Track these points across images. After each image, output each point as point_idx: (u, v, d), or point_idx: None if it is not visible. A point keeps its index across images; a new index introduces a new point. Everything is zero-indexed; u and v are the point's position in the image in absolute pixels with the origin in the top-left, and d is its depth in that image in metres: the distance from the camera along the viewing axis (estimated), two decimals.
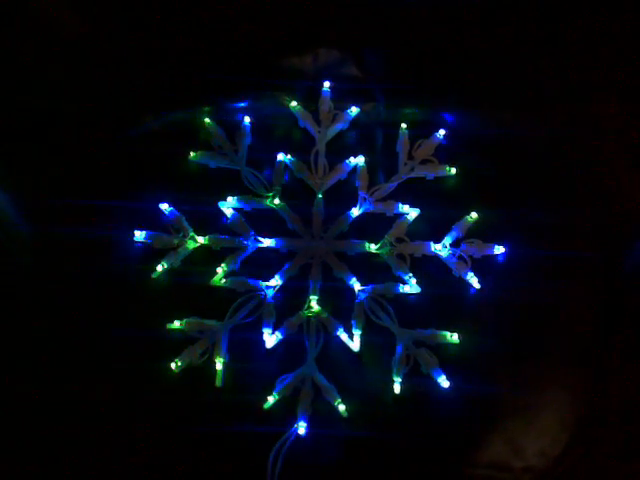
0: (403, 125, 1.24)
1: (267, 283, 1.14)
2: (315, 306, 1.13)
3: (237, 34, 1.30)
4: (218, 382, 1.08)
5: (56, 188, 1.20)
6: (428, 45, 1.31)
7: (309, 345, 1.11)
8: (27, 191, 1.20)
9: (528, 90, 1.27)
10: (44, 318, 1.12)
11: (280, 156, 1.21)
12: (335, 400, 1.07)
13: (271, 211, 1.20)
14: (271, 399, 1.06)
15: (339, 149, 1.24)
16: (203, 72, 1.28)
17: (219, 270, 1.13)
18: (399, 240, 1.17)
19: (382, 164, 1.23)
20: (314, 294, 1.13)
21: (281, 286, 1.15)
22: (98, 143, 1.23)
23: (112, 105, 1.26)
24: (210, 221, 1.18)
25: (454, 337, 1.10)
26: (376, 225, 1.19)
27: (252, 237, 1.17)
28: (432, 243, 1.16)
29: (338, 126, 1.25)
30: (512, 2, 1.30)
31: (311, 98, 1.27)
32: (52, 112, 1.24)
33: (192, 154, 1.21)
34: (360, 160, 1.21)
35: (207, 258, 1.16)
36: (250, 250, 1.17)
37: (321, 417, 1.07)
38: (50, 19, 1.28)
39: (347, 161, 1.21)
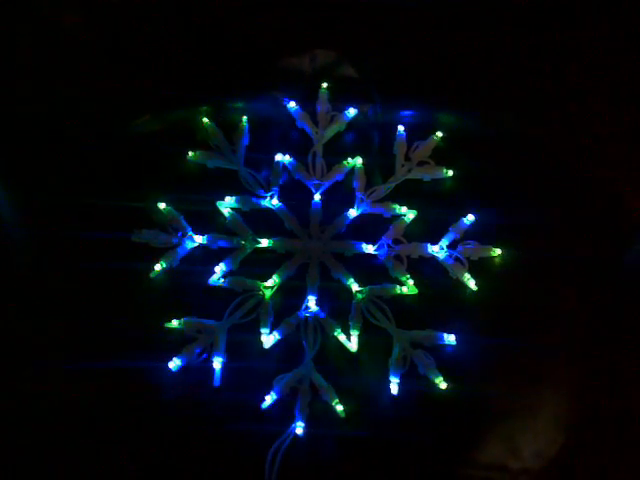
0: (400, 127, 1.24)
1: (265, 283, 1.14)
2: (313, 306, 1.13)
3: (236, 35, 1.30)
4: (216, 381, 1.09)
5: (54, 188, 1.19)
6: (425, 47, 1.32)
7: (307, 345, 1.11)
8: (25, 191, 1.20)
9: (525, 92, 1.29)
10: (42, 317, 1.12)
11: (278, 157, 1.22)
12: (333, 400, 1.07)
13: (269, 211, 1.20)
14: (269, 399, 1.07)
15: (337, 150, 1.25)
16: (202, 72, 1.28)
17: (217, 270, 1.14)
18: (396, 241, 1.18)
19: (379, 165, 1.24)
20: (312, 294, 1.14)
21: (279, 286, 1.15)
22: (96, 142, 1.23)
23: (110, 104, 1.26)
24: (208, 221, 1.19)
25: (451, 338, 1.11)
26: (373, 226, 1.20)
27: (250, 237, 1.17)
28: (429, 245, 1.17)
29: (336, 127, 1.26)
30: (508, 5, 1.32)
31: (309, 99, 1.27)
32: (50, 112, 1.24)
33: (190, 154, 1.22)
34: (358, 161, 1.22)
35: (205, 258, 1.16)
36: (248, 250, 1.17)
37: (319, 417, 1.07)
38: (50, 19, 1.28)
39: (345, 162, 1.22)
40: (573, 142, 1.26)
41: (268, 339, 1.11)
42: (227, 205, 1.19)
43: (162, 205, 1.17)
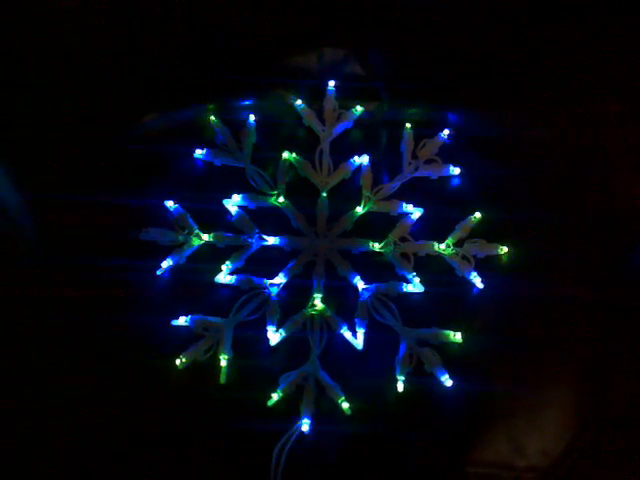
0: (407, 124, 1.24)
1: (271, 281, 1.15)
2: (319, 304, 1.13)
3: (243, 32, 1.30)
4: (222, 379, 1.09)
5: (62, 185, 1.20)
6: (433, 45, 1.31)
7: (313, 343, 1.11)
8: (34, 188, 1.20)
9: (531, 91, 1.28)
10: (48, 314, 1.12)
11: (285, 154, 1.22)
12: (338, 398, 1.07)
13: (275, 209, 1.20)
14: (275, 396, 1.07)
15: (343, 148, 1.25)
16: (209, 70, 1.28)
17: (224, 267, 1.14)
18: (403, 239, 1.18)
19: (386, 163, 1.24)
20: (318, 292, 1.14)
21: (285, 284, 1.15)
22: (105, 140, 1.23)
23: (118, 102, 1.26)
24: (215, 218, 1.19)
25: (457, 336, 1.11)
26: (380, 224, 1.19)
27: (256, 235, 1.17)
28: (436, 242, 1.17)
29: (343, 125, 1.25)
30: (515, 3, 1.31)
31: (316, 97, 1.27)
32: (59, 109, 1.25)
33: (197, 152, 1.22)
34: (364, 159, 1.22)
35: (212, 255, 1.16)
36: (254, 248, 1.17)
37: (324, 415, 1.07)
38: (54, 17, 1.29)
39: (351, 160, 1.22)
40: (580, 141, 1.25)
41: (274, 337, 1.11)
42: (234, 203, 1.19)
43: (169, 203, 1.18)
